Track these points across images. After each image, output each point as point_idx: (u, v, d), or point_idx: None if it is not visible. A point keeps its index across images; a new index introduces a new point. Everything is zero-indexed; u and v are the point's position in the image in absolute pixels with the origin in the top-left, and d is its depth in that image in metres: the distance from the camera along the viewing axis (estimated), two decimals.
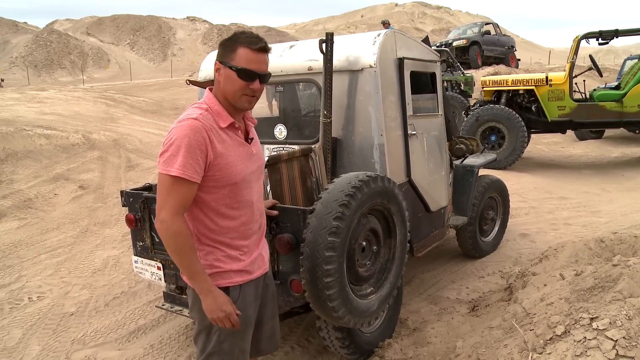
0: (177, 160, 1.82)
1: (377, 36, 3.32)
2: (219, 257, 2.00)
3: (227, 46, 1.94)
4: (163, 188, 1.85)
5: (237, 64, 1.90)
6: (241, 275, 2.04)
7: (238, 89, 1.92)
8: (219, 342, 2.03)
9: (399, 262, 2.96)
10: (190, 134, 1.83)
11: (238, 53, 1.90)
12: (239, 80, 1.91)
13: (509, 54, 21.76)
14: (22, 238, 5.82)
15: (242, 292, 2.04)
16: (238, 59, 1.90)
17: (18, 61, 41.92)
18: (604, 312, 2.27)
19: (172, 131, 1.88)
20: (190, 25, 59.80)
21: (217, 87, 1.98)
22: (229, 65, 1.91)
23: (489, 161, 5.28)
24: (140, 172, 8.47)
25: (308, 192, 3.17)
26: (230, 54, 1.92)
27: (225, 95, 1.96)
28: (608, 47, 67.97)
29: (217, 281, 1.98)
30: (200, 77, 4.00)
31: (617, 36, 9.12)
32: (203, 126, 1.87)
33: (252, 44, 1.91)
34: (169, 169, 1.82)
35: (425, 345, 3.38)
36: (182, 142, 1.82)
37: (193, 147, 1.83)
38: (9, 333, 3.86)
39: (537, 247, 5.29)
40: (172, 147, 1.83)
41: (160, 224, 1.85)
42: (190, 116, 1.89)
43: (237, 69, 1.90)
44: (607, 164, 10.34)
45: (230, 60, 1.91)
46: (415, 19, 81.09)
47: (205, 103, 1.96)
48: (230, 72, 1.91)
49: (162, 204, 1.85)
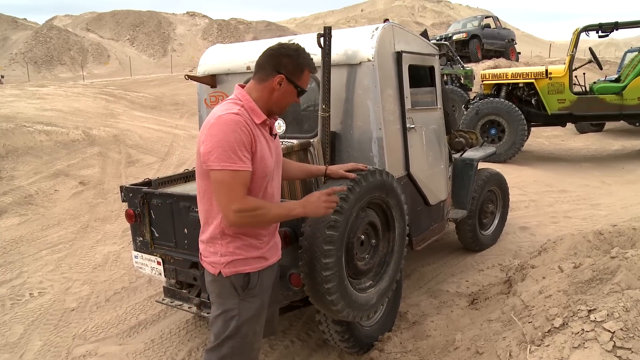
0: (231, 154, 1.90)
1: (375, 30, 3.32)
2: (240, 245, 2.09)
3: (296, 64, 2.08)
4: (225, 183, 1.93)
5: (302, 86, 2.11)
6: (260, 262, 2.14)
7: (290, 102, 2.13)
8: (237, 326, 2.12)
9: (398, 256, 2.97)
10: (237, 128, 1.93)
11: (304, 75, 2.10)
12: (296, 97, 2.12)
13: (509, 48, 21.72)
14: (23, 234, 5.83)
15: (260, 278, 2.14)
16: (303, 80, 2.11)
17: (18, 57, 41.84)
18: (601, 304, 2.28)
19: (214, 126, 1.94)
20: (190, 20, 59.63)
21: (265, 94, 2.08)
22: (296, 85, 2.09)
23: (489, 154, 5.28)
24: (141, 167, 8.48)
25: (307, 186, 3.17)
26: (299, 74, 2.08)
27: (272, 101, 2.09)
28: (609, 40, 67.73)
29: (237, 268, 2.09)
30: (200, 72, 4.00)
31: (617, 29, 9.09)
32: (245, 120, 1.97)
33: (313, 69, 2.14)
34: (226, 164, 1.91)
35: (425, 339, 3.39)
36: (231, 136, 1.91)
37: (241, 140, 1.93)
38: (10, 329, 3.88)
39: (536, 240, 5.29)
40: (223, 143, 1.91)
41: (239, 215, 1.95)
42: (231, 111, 1.97)
43: (300, 90, 2.11)
44: (607, 156, 10.33)
45: (297, 80, 2.08)
46: (415, 13, 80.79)
47: (239, 99, 2.06)
48: (293, 89, 2.09)
49: (229, 199, 1.93)
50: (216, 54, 4.01)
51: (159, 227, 3.22)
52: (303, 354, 3.41)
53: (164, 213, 3.15)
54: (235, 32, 55.82)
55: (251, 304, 2.13)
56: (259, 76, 2.10)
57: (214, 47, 4.17)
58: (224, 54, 3.94)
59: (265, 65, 2.08)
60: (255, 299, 2.14)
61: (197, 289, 3.19)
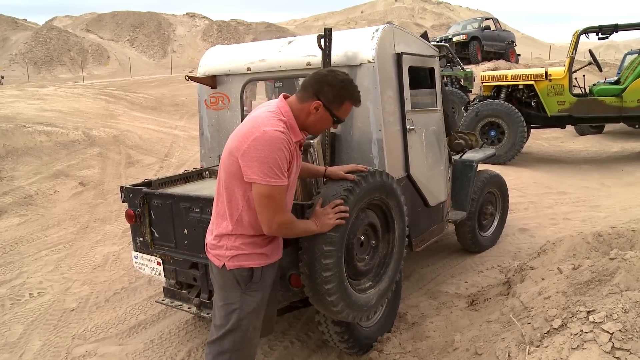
0: (276, 171, 2.03)
1: (375, 31, 3.32)
2: (245, 242, 2.19)
3: (336, 95, 2.17)
4: (271, 198, 2.06)
5: (340, 116, 2.21)
6: (263, 259, 2.23)
7: (325, 128, 2.27)
8: (238, 320, 2.20)
9: (397, 257, 2.97)
10: (282, 147, 2.03)
11: (344, 107, 2.19)
12: (331, 124, 2.22)
13: (509, 49, 21.73)
14: (23, 234, 5.84)
15: (263, 273, 2.23)
16: (342, 111, 2.20)
17: (18, 58, 41.89)
18: (600, 306, 2.29)
19: (259, 140, 2.03)
20: (190, 21, 59.72)
21: (302, 115, 2.17)
22: (334, 114, 2.18)
23: (488, 156, 5.29)
24: (140, 168, 8.49)
25: (307, 187, 3.18)
26: (337, 105, 2.17)
27: (307, 123, 2.19)
28: (609, 42, 67.80)
29: (240, 262, 2.19)
30: (200, 73, 4.00)
31: (616, 31, 9.09)
32: (288, 139, 2.07)
33: (356, 102, 2.23)
34: (271, 180, 2.03)
35: (424, 340, 3.39)
36: (276, 154, 2.02)
37: (285, 158, 2.05)
38: (10, 329, 3.88)
39: (536, 242, 5.30)
40: (269, 160, 2.02)
41: (280, 229, 2.13)
42: (277, 129, 2.05)
43: (337, 119, 2.21)
44: (606, 158, 10.34)
45: (335, 110, 2.18)
46: (415, 15, 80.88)
47: (283, 116, 2.13)
48: (329, 117, 2.18)
49: (275, 212, 2.08)
50: (216, 55, 4.02)
51: (159, 227, 3.23)
52: (302, 354, 3.42)
53: (164, 213, 3.16)
54: (235, 33, 55.90)
55: (253, 297, 2.22)
56: (301, 95, 2.18)
57: (214, 48, 4.18)
58: (224, 55, 3.95)
59: (309, 87, 2.17)
60: (257, 293, 2.22)
61: (197, 289, 3.19)
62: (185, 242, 3.10)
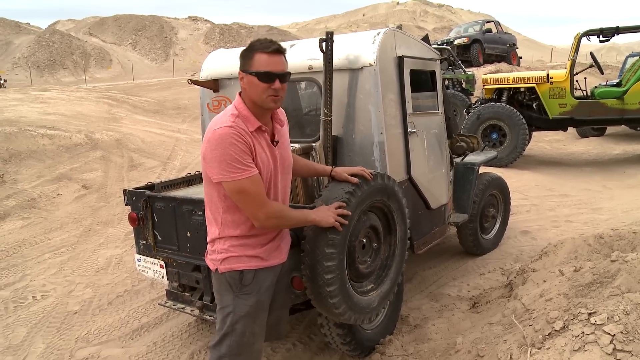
0: (236, 165, 2.01)
1: (376, 35, 3.34)
2: (234, 244, 2.19)
3: (245, 56, 2.13)
4: (242, 192, 2.05)
5: (257, 69, 2.08)
6: (255, 261, 2.21)
7: (261, 91, 2.09)
8: (232, 323, 2.19)
9: (399, 259, 2.98)
10: (233, 141, 2.01)
11: (255, 59, 2.09)
12: (261, 83, 2.08)
13: (511, 52, 21.75)
14: (26, 237, 5.86)
15: (256, 277, 2.21)
16: (256, 64, 2.09)
17: (21, 62, 42.03)
18: (602, 308, 2.29)
19: (211, 142, 2.03)
20: (192, 25, 59.87)
21: (245, 94, 2.16)
22: (250, 72, 2.09)
23: (490, 159, 5.29)
24: (143, 171, 8.51)
25: (309, 189, 3.19)
26: (249, 62, 2.10)
27: (252, 99, 2.12)
28: (610, 45, 67.81)
29: (231, 265, 2.18)
30: (202, 77, 4.03)
31: (617, 33, 9.10)
32: (239, 132, 2.04)
33: (266, 48, 2.10)
34: (235, 175, 2.01)
35: (426, 342, 3.40)
36: (230, 149, 2.00)
37: (240, 150, 2.02)
38: (13, 331, 3.90)
39: (538, 244, 5.30)
40: (225, 156, 2.00)
41: (269, 220, 2.11)
42: (225, 124, 2.04)
43: (256, 73, 2.08)
44: (608, 161, 10.33)
45: (250, 67, 2.10)
46: (417, 18, 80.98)
47: (235, 109, 2.13)
48: (251, 77, 2.09)
49: (256, 205, 2.07)
50: (218, 58, 4.04)
51: (162, 230, 3.24)
52: (305, 357, 3.43)
53: (166, 216, 3.17)
54: (237, 36, 56.02)
55: (245, 301, 2.19)
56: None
57: (217, 51, 4.20)
58: (227, 59, 3.97)
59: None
60: (250, 296, 2.20)
61: (200, 291, 3.21)
62: (187, 245, 3.12)
